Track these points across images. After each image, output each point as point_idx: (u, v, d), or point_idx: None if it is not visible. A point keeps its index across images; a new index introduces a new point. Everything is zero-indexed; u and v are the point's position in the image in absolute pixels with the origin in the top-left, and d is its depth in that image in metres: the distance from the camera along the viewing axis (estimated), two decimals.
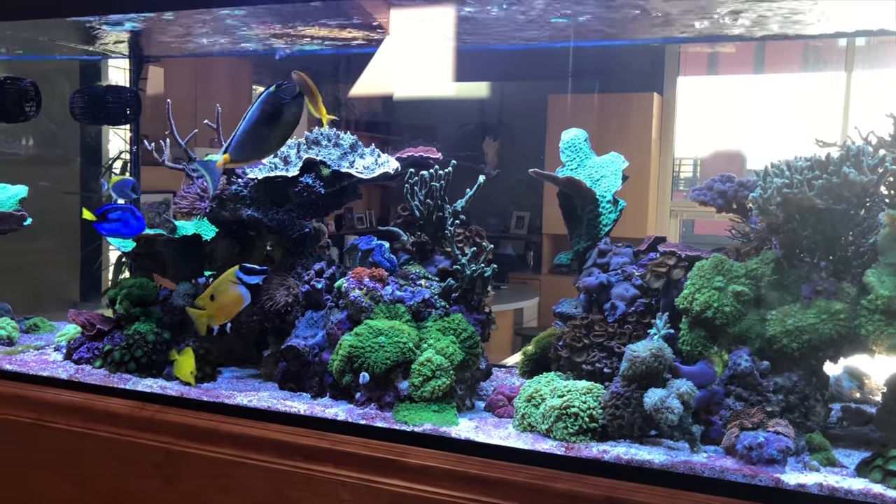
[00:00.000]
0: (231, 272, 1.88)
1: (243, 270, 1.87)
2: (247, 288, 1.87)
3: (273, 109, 1.76)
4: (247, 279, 1.87)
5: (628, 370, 1.57)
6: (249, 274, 1.87)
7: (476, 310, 1.89)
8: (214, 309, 1.90)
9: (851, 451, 1.57)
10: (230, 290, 1.87)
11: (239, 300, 1.88)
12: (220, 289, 1.89)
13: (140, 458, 1.87)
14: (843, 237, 1.60)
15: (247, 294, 1.87)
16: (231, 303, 1.88)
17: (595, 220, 1.90)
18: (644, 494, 1.46)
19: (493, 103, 6.77)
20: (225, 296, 1.88)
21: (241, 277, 1.87)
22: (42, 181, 2.94)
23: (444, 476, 1.60)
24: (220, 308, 1.89)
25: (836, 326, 1.52)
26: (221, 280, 1.90)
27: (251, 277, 1.87)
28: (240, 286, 1.87)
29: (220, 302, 1.89)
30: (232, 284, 1.87)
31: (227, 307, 1.89)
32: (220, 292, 1.89)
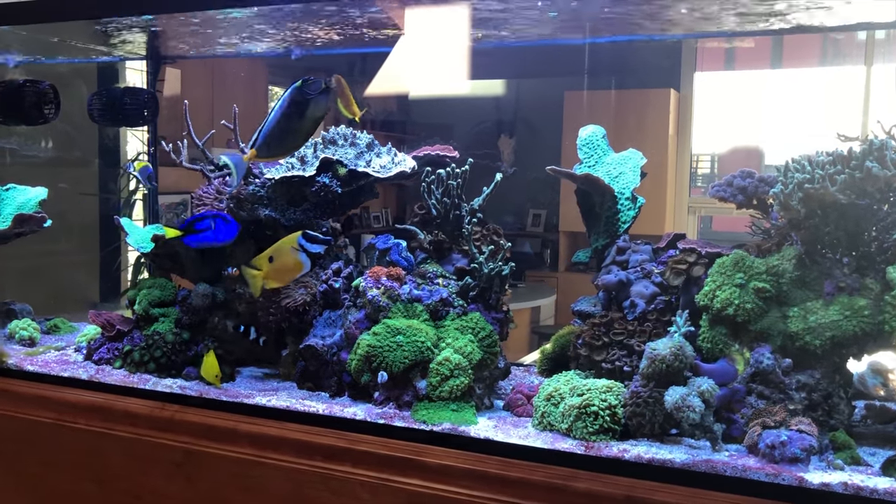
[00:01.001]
0: (293, 237, 1.81)
1: (306, 237, 1.80)
2: (308, 256, 1.80)
3: (300, 105, 1.74)
4: (309, 247, 1.79)
5: (648, 368, 1.55)
6: (312, 242, 1.80)
7: (494, 308, 1.88)
8: (271, 271, 1.82)
9: (876, 450, 1.55)
10: (290, 255, 1.80)
11: (298, 267, 1.81)
12: (280, 252, 1.81)
13: (160, 457, 1.88)
14: (866, 232, 1.58)
15: (307, 262, 1.80)
16: (289, 268, 1.81)
17: (614, 217, 1.88)
18: (665, 494, 1.45)
19: (509, 101, 6.75)
20: (284, 260, 1.80)
21: (304, 245, 1.79)
22: (61, 183, 2.96)
23: (463, 475, 1.59)
24: (277, 271, 1.82)
25: (860, 323, 1.50)
26: (282, 243, 1.82)
27: (314, 246, 1.80)
28: (300, 253, 1.79)
29: (278, 265, 1.81)
30: (293, 250, 1.79)
31: (284, 272, 1.82)
32: (279, 256, 1.81)
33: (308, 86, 1.74)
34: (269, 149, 1.75)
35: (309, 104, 1.74)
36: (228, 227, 1.93)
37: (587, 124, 2.07)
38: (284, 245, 1.82)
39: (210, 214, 1.94)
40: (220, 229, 1.93)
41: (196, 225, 1.93)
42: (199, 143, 2.08)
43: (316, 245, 1.80)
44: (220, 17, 2.06)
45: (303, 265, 1.81)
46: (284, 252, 1.81)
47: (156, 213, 2.65)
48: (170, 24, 2.17)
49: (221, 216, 1.94)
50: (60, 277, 3.88)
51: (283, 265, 1.81)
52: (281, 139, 1.75)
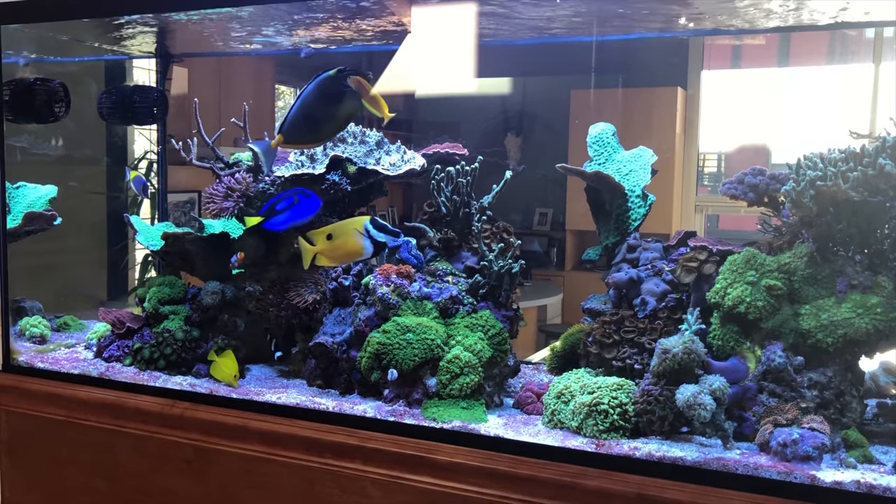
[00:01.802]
0: (360, 220, 1.73)
1: (375, 225, 1.72)
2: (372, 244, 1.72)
3: (332, 95, 1.69)
4: (375, 234, 1.71)
5: (659, 366, 1.55)
6: (380, 230, 1.72)
7: (504, 306, 1.88)
8: (328, 249, 1.73)
9: (889, 448, 1.54)
10: (352, 238, 1.72)
11: (357, 251, 1.73)
12: (341, 232, 1.73)
13: (170, 454, 1.89)
14: (878, 230, 1.57)
15: (369, 249, 1.72)
16: (348, 251, 1.74)
17: (624, 214, 1.88)
18: (675, 491, 1.45)
19: (516, 99, 6.74)
20: (344, 240, 1.72)
21: (370, 231, 1.71)
22: (71, 181, 2.97)
23: (473, 473, 1.59)
24: (334, 251, 1.74)
25: (873, 321, 1.50)
26: (346, 223, 1.75)
27: (380, 234, 1.71)
28: (365, 238, 1.71)
29: (337, 245, 1.73)
30: (356, 233, 1.72)
31: (341, 253, 1.75)
32: (340, 235, 1.73)
33: (344, 76, 1.69)
34: (296, 135, 1.70)
35: (344, 95, 1.69)
36: (311, 201, 1.83)
37: (595, 122, 2.06)
38: (348, 226, 1.74)
39: (289, 192, 1.85)
40: (304, 205, 1.83)
41: (277, 206, 1.84)
42: (209, 141, 2.08)
43: (383, 234, 1.73)
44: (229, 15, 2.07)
45: (363, 251, 1.73)
46: (347, 232, 1.73)
47: (164, 212, 2.65)
48: (178, 22, 2.17)
49: (301, 191, 1.84)
50: (69, 275, 3.89)
51: (341, 245, 1.74)
52: (309, 127, 1.70)
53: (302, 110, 1.69)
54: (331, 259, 1.76)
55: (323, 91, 1.69)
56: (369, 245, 1.72)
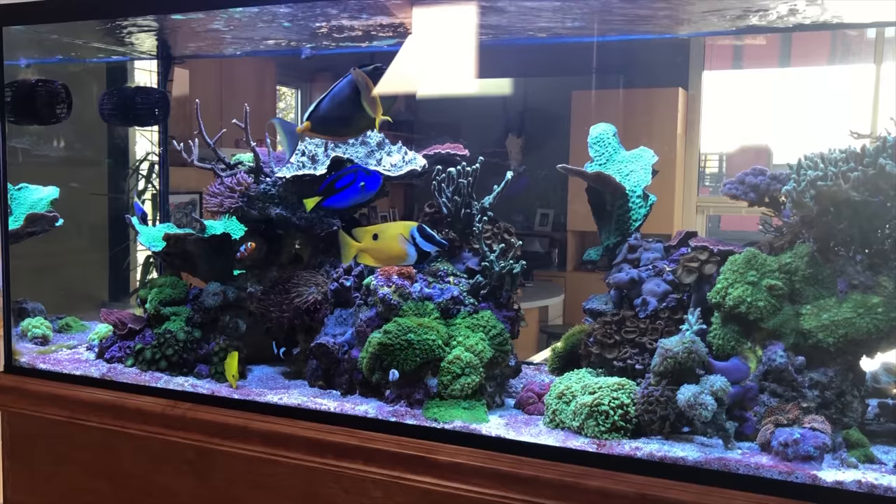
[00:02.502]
0: (408, 225, 1.70)
1: (422, 233, 1.68)
2: (417, 252, 1.68)
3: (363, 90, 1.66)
4: (421, 242, 1.68)
5: (661, 366, 1.55)
6: (427, 240, 1.68)
7: (505, 307, 1.88)
8: (372, 248, 1.70)
9: (890, 448, 1.54)
10: (396, 242, 1.68)
11: (401, 257, 1.70)
12: (387, 235, 1.70)
13: (172, 455, 1.89)
14: (879, 230, 1.57)
15: (413, 256, 1.68)
16: (391, 254, 1.70)
17: (625, 215, 1.88)
18: (677, 491, 1.45)
19: (517, 100, 6.75)
20: (389, 243, 1.69)
21: (416, 239, 1.68)
22: (72, 182, 2.98)
23: (474, 473, 1.59)
24: (378, 251, 1.70)
25: (874, 320, 1.50)
26: (393, 226, 1.72)
27: (426, 244, 1.68)
28: (409, 245, 1.68)
29: (381, 246, 1.70)
30: (402, 238, 1.68)
31: (384, 256, 1.71)
32: (385, 237, 1.70)
33: (379, 73, 1.66)
34: (323, 126, 1.67)
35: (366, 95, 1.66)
36: (372, 178, 1.79)
37: (596, 123, 2.06)
38: (395, 229, 1.71)
39: (350, 169, 1.80)
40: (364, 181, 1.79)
41: (336, 184, 1.79)
42: (211, 142, 2.08)
43: (428, 243, 1.69)
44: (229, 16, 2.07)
45: (407, 257, 1.70)
46: (392, 236, 1.70)
47: (166, 213, 2.66)
48: (180, 24, 2.17)
49: (361, 168, 1.81)
50: (71, 276, 3.90)
51: (385, 248, 1.71)
52: (338, 120, 1.67)
53: (332, 102, 1.66)
54: (374, 259, 1.73)
55: (357, 86, 1.66)
56: (413, 252, 1.69)
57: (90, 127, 3.63)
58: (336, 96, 1.66)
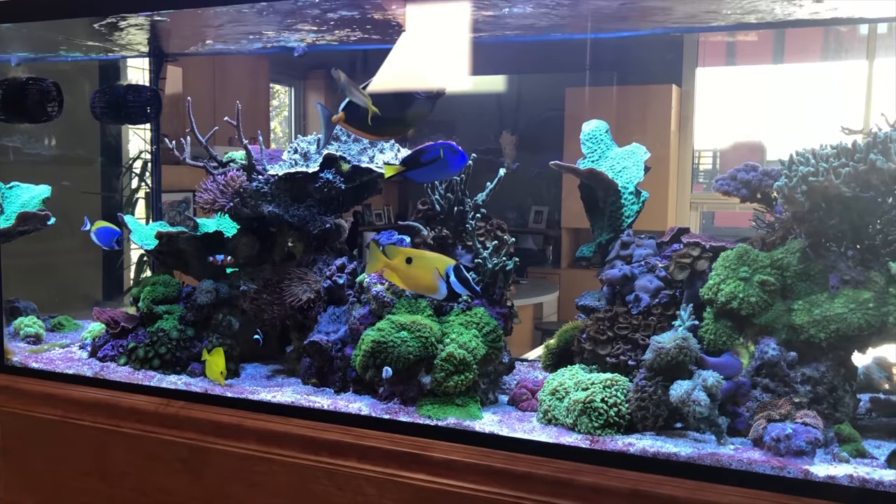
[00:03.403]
0: (445, 262, 1.64)
1: (457, 274, 1.62)
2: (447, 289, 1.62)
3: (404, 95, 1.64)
4: (453, 282, 1.62)
5: (653, 362, 1.55)
6: (461, 282, 1.61)
7: (498, 303, 1.88)
8: (402, 270, 1.65)
9: (882, 442, 1.55)
10: (431, 276, 1.62)
11: (431, 290, 1.64)
12: (423, 264, 1.64)
13: (165, 454, 1.88)
14: (870, 225, 1.58)
15: (443, 293, 1.63)
16: (420, 284, 1.65)
17: (617, 211, 1.88)
18: (670, 487, 1.45)
19: (511, 97, 6.75)
20: (422, 273, 1.63)
21: (450, 276, 1.62)
22: (64, 181, 2.97)
23: (468, 470, 1.59)
24: (407, 276, 1.65)
25: (865, 316, 1.50)
26: (432, 259, 1.66)
27: (459, 286, 1.62)
28: (441, 281, 1.61)
29: (412, 273, 1.64)
30: (437, 273, 1.62)
31: (413, 282, 1.66)
32: (420, 265, 1.64)
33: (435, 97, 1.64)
34: (355, 121, 1.63)
35: (414, 100, 1.64)
36: (457, 159, 1.71)
37: (589, 120, 2.06)
38: (432, 262, 1.65)
39: (437, 145, 1.73)
40: (450, 160, 1.71)
41: (422, 157, 1.72)
42: (203, 139, 2.07)
43: (461, 287, 1.63)
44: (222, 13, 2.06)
45: (437, 292, 1.64)
46: (427, 267, 1.64)
47: (158, 211, 2.65)
48: (172, 21, 2.17)
49: (449, 146, 1.72)
50: (64, 275, 3.89)
51: (417, 275, 1.65)
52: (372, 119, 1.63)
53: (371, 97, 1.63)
54: (401, 281, 1.69)
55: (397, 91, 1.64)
56: (444, 290, 1.63)
57: (82, 125, 3.62)
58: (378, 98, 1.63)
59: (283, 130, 6.82)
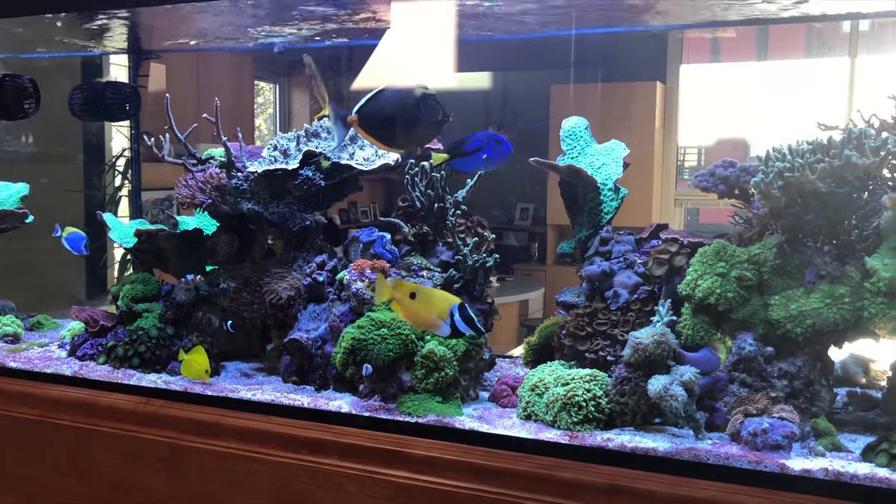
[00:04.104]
0: (450, 301, 1.61)
1: (461, 313, 1.58)
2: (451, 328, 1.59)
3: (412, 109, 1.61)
4: (457, 321, 1.58)
5: (631, 357, 1.56)
6: (465, 321, 1.58)
7: (479, 300, 1.88)
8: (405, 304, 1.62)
9: (857, 436, 1.56)
10: (433, 315, 1.60)
11: (433, 328, 1.62)
12: (427, 300, 1.62)
13: (145, 452, 1.87)
14: (846, 220, 1.59)
15: (445, 332, 1.60)
16: (421, 320, 1.63)
17: (597, 208, 1.89)
18: (648, 482, 1.46)
19: (496, 95, 6.75)
20: (426, 310, 1.61)
21: (454, 315, 1.58)
22: (43, 178, 2.95)
23: (448, 466, 1.59)
24: (409, 311, 1.63)
25: (841, 310, 1.51)
26: (436, 297, 1.63)
27: (462, 325, 1.58)
28: (445, 322, 1.59)
29: (416, 308, 1.62)
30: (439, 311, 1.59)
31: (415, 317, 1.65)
32: (424, 301, 1.61)
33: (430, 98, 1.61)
34: (367, 124, 1.61)
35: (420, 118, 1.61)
36: (500, 150, 1.69)
37: (574, 117, 2.06)
38: (436, 300, 1.62)
39: (483, 134, 1.70)
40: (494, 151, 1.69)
41: (465, 147, 1.70)
42: (182, 136, 2.06)
43: (464, 325, 1.59)
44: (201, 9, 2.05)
45: (440, 330, 1.61)
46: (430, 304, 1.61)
47: (139, 209, 2.63)
48: (150, 17, 2.16)
49: (495, 136, 1.70)
50: (46, 275, 3.86)
51: (419, 311, 1.62)
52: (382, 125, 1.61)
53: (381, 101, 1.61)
54: (404, 315, 1.68)
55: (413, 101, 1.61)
56: (447, 329, 1.60)
57: (62, 122, 3.59)
58: (386, 99, 1.61)
59: (268, 128, 6.80)
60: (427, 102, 1.62)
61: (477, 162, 1.71)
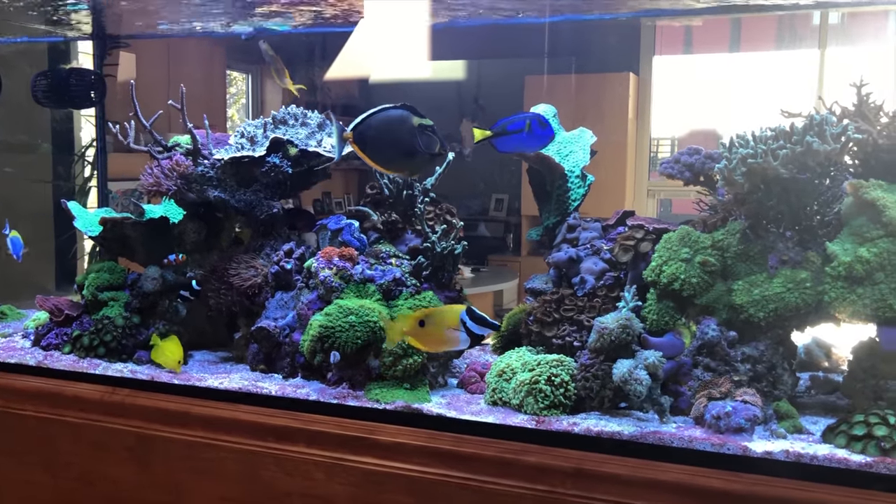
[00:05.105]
0: (455, 311, 1.60)
1: (471, 316, 1.58)
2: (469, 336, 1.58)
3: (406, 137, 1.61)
4: (472, 327, 1.58)
5: (597, 342, 1.57)
6: (478, 323, 1.58)
7: (447, 287, 1.88)
8: (419, 335, 1.61)
9: (818, 418, 1.59)
10: (447, 332, 1.58)
11: (453, 344, 1.60)
12: (436, 321, 1.61)
13: (111, 442, 1.86)
14: (808, 206, 1.61)
15: (465, 341, 1.58)
16: (442, 342, 1.61)
17: (564, 195, 1.90)
18: (613, 465, 1.47)
19: (470, 85, 6.74)
20: (438, 331, 1.59)
21: (467, 323, 1.58)
22: (7, 168, 2.90)
23: (415, 452, 1.60)
24: (425, 338, 1.61)
25: (802, 295, 1.53)
26: (442, 314, 1.62)
27: (477, 327, 1.58)
28: (461, 332, 1.58)
29: (429, 333, 1.60)
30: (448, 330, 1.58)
31: (433, 342, 1.62)
32: (434, 324, 1.60)
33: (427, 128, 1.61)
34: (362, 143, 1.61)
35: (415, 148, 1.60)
36: (542, 134, 1.69)
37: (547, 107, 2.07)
38: (444, 317, 1.61)
39: (526, 116, 1.69)
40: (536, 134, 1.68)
41: (508, 126, 1.69)
42: (147, 124, 2.04)
43: (479, 326, 1.58)
44: None
45: (459, 344, 1.60)
46: (440, 323, 1.60)
47: (105, 198, 2.60)
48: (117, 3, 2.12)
49: (539, 117, 1.69)
50: (13, 265, 3.80)
51: (434, 334, 1.60)
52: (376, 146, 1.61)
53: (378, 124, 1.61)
54: (422, 345, 1.64)
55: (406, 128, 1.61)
56: (465, 338, 1.59)
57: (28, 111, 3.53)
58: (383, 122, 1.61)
59: (241, 118, 6.73)
60: (424, 134, 1.61)
61: (517, 142, 1.71)
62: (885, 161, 1.57)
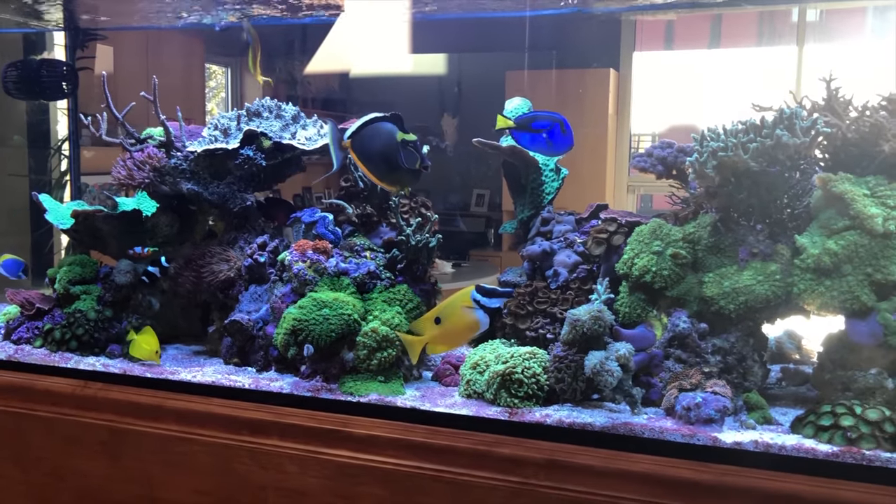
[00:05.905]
0: (465, 293, 1.60)
1: (481, 292, 1.59)
2: (485, 312, 1.59)
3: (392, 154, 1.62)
4: (487, 302, 1.58)
5: (569, 334, 1.58)
6: (489, 296, 1.59)
7: (422, 280, 1.88)
8: (440, 334, 1.62)
9: (788, 410, 1.60)
10: (463, 315, 1.59)
11: (474, 326, 1.61)
12: (449, 312, 1.61)
13: (84, 436, 1.84)
14: (778, 200, 1.63)
15: (485, 319, 1.59)
16: (463, 329, 1.61)
17: (538, 188, 1.90)
18: (585, 456, 1.48)
19: (451, 79, 6.74)
20: (455, 320, 1.60)
21: (479, 300, 1.58)
22: None
23: (389, 445, 1.60)
24: (448, 334, 1.62)
25: (772, 287, 1.55)
26: (452, 302, 1.63)
27: (491, 300, 1.59)
28: (476, 311, 1.58)
29: (449, 327, 1.61)
30: (465, 309, 1.58)
31: (456, 334, 1.63)
32: (448, 316, 1.61)
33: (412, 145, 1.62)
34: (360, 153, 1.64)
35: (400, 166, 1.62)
36: (562, 140, 1.68)
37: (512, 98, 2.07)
38: (455, 304, 1.62)
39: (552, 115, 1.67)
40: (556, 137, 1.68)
41: (533, 123, 1.68)
42: (119, 116, 2.02)
43: (494, 298, 1.59)
44: None
45: (479, 324, 1.60)
46: (456, 312, 1.60)
47: (79, 190, 2.58)
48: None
49: (562, 121, 1.68)
50: None
51: (454, 327, 1.61)
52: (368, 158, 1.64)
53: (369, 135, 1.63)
54: (448, 343, 1.65)
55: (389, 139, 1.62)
56: (483, 315, 1.59)
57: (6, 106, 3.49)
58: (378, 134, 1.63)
59: (220, 112, 6.70)
60: (406, 149, 1.62)
61: (537, 142, 1.70)
62: (854, 155, 1.58)
